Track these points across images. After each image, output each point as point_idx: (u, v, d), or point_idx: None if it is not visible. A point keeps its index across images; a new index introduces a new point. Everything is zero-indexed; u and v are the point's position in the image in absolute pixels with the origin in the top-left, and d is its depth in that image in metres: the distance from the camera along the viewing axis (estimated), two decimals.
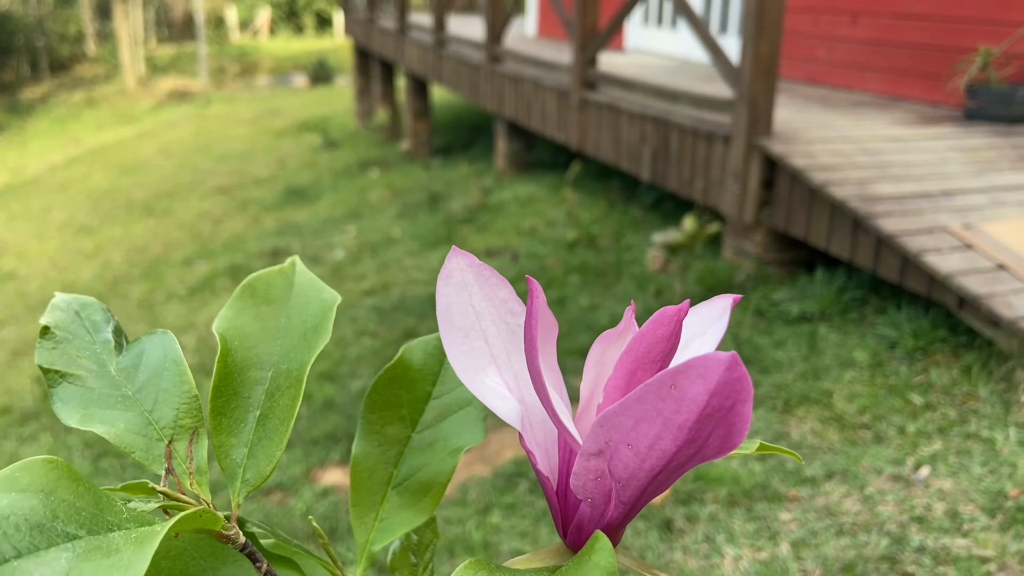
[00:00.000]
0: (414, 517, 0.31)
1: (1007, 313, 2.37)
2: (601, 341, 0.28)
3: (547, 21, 8.26)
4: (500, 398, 0.28)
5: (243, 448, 0.29)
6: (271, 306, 0.32)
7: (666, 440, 0.23)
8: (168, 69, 18.00)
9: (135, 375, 0.31)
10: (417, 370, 0.34)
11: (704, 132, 3.58)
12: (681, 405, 0.22)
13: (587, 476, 0.24)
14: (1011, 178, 3.07)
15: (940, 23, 4.05)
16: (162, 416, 0.30)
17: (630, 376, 0.26)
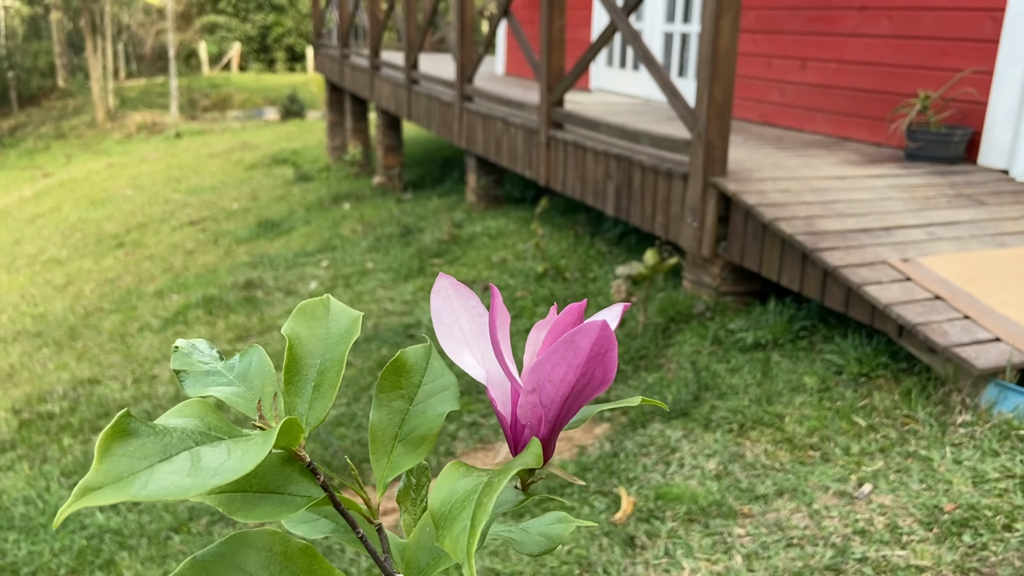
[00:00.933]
0: (413, 460, 0.46)
1: (942, 340, 2.56)
2: (536, 328, 0.43)
3: (514, 61, 8.52)
4: (472, 367, 0.43)
5: (305, 404, 0.43)
6: (316, 320, 0.46)
7: (570, 375, 0.37)
8: (138, 102, 18.02)
9: (234, 369, 0.45)
10: (411, 365, 0.49)
11: (664, 170, 3.78)
12: (577, 352, 0.37)
13: (527, 407, 0.39)
14: (947, 215, 3.30)
15: (882, 69, 4.32)
16: (254, 386, 0.44)
17: (549, 343, 0.41)
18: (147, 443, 0.33)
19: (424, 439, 0.46)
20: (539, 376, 0.38)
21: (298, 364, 0.44)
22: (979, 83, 3.83)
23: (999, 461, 2.35)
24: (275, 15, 25.62)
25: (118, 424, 0.33)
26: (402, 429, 0.46)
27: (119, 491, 0.31)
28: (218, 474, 0.32)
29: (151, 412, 3.63)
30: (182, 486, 0.32)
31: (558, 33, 4.67)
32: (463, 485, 0.36)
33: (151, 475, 0.32)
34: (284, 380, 0.44)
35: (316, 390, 0.43)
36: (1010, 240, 3.11)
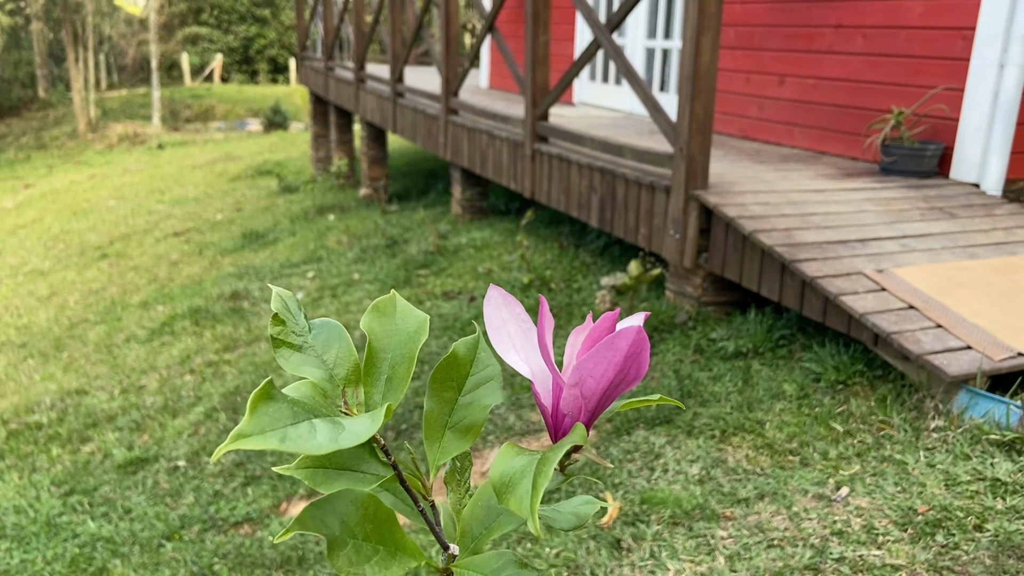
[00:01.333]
0: (461, 446, 0.52)
1: (915, 349, 2.65)
2: (574, 333, 0.49)
3: (498, 74, 8.61)
4: (519, 365, 0.50)
5: (379, 394, 0.49)
6: (386, 317, 0.52)
7: (609, 372, 0.44)
8: (119, 113, 17.95)
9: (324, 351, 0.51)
10: (461, 358, 0.55)
11: (647, 183, 3.87)
12: (616, 352, 0.43)
13: (570, 399, 0.45)
14: (920, 227, 3.41)
15: (857, 85, 4.45)
16: (338, 374, 0.50)
17: (589, 346, 0.47)
18: (282, 408, 0.40)
19: (471, 428, 0.52)
20: (582, 372, 0.45)
21: (374, 358, 0.50)
22: (950, 99, 3.95)
23: (970, 464, 2.44)
24: (258, 27, 25.63)
25: (264, 389, 0.41)
26: (451, 418, 0.52)
27: (264, 441, 0.38)
28: (341, 440, 0.39)
29: (140, 422, 3.65)
30: (313, 444, 0.39)
31: (543, 49, 4.76)
32: (519, 461, 0.43)
33: (285, 433, 0.39)
34: (364, 371, 0.50)
35: (389, 382, 0.49)
36: (980, 251, 3.22)
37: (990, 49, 3.76)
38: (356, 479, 0.47)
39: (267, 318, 4.95)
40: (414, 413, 3.36)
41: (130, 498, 2.92)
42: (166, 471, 3.12)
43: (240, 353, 4.35)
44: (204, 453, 3.23)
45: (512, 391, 3.38)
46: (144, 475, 3.10)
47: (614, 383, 0.45)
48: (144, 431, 3.55)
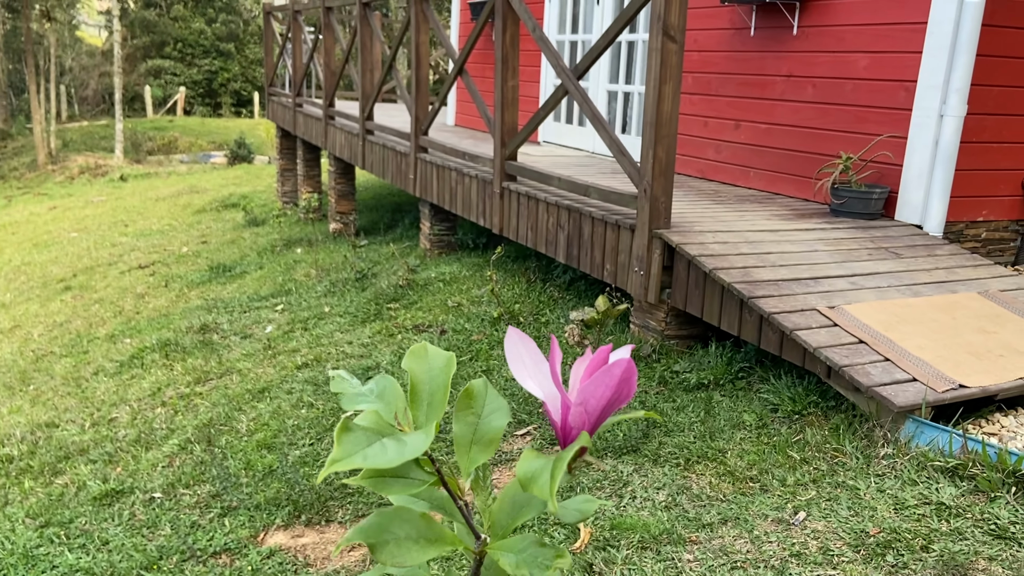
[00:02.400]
0: (484, 456, 0.65)
1: (865, 381, 2.83)
2: (577, 362, 0.62)
3: (464, 113, 8.82)
4: (534, 389, 0.62)
5: (423, 416, 0.62)
6: (422, 359, 0.65)
7: (607, 393, 0.57)
8: (80, 145, 17.80)
9: (375, 392, 0.64)
10: (479, 392, 0.68)
11: (612, 222, 4.04)
12: (612, 377, 0.56)
13: (576, 415, 0.58)
14: (868, 266, 3.63)
15: (808, 131, 4.71)
16: (390, 403, 0.63)
17: (590, 373, 0.60)
18: (359, 435, 0.53)
19: (491, 442, 0.65)
20: (586, 394, 0.58)
21: (416, 390, 0.63)
22: (895, 146, 4.22)
23: (917, 489, 2.61)
24: (221, 61, 25.66)
25: (344, 423, 0.53)
26: (475, 435, 0.65)
27: (351, 462, 0.51)
28: (405, 453, 0.52)
29: (113, 455, 3.67)
30: (387, 458, 0.51)
31: (512, 92, 4.95)
32: (539, 460, 0.56)
33: (366, 454, 0.51)
34: (410, 400, 0.63)
35: (429, 407, 0.62)
36: (923, 289, 3.45)
37: (930, 100, 4.04)
38: (408, 484, 0.60)
39: (238, 350, 4.99)
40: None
41: (107, 530, 2.95)
42: (142, 503, 3.15)
43: (212, 386, 4.38)
44: (180, 485, 3.27)
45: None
46: (120, 507, 3.12)
47: (611, 401, 0.58)
48: (117, 463, 3.57)
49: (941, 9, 3.93)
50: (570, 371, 0.65)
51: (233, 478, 3.29)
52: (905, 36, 4.13)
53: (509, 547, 0.61)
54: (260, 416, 3.84)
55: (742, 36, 5.12)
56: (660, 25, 3.51)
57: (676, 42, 3.54)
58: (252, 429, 3.71)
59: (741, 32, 5.12)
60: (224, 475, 3.31)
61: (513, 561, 0.59)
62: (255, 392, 4.17)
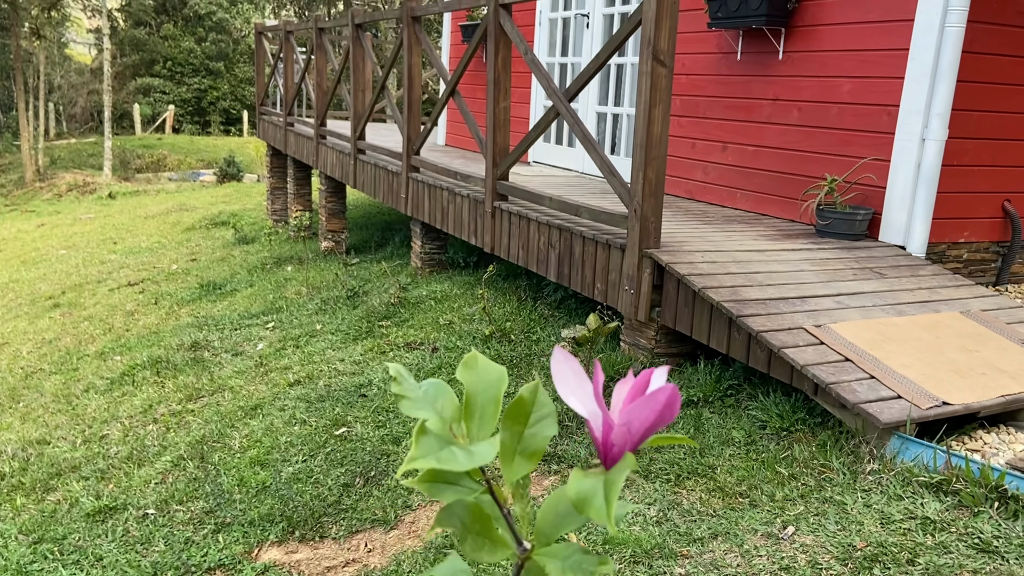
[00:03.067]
0: (527, 467, 0.68)
1: (852, 398, 2.89)
2: (619, 384, 0.67)
3: (454, 133, 8.90)
4: (578, 407, 0.67)
5: (476, 428, 0.66)
6: (473, 371, 0.69)
7: (652, 416, 0.62)
8: (68, 162, 17.76)
9: (435, 400, 0.68)
10: (527, 400, 0.71)
11: (603, 241, 4.11)
12: (657, 401, 0.61)
13: (620, 434, 0.63)
14: (853, 286, 3.71)
15: (794, 154, 4.81)
16: (445, 413, 0.67)
17: (633, 396, 0.65)
18: (432, 439, 0.58)
19: (535, 453, 0.69)
20: (630, 415, 0.63)
21: (470, 402, 0.67)
22: (878, 169, 4.32)
23: (903, 504, 2.66)
24: (211, 79, 25.72)
25: (421, 426, 0.59)
26: (520, 445, 0.69)
27: (427, 462, 0.56)
28: (474, 460, 0.57)
29: (105, 471, 3.67)
30: (458, 463, 0.56)
31: (503, 114, 5.02)
32: (588, 481, 0.61)
33: (439, 456, 0.57)
34: (464, 412, 0.67)
35: (480, 419, 0.66)
36: (907, 309, 3.52)
37: (912, 125, 4.14)
38: (459, 491, 0.64)
39: (229, 368, 5.00)
40: None
41: (101, 546, 2.95)
42: (135, 519, 3.16)
43: (204, 403, 4.39)
44: (173, 501, 3.28)
45: None
46: (114, 523, 3.13)
47: (654, 424, 0.63)
48: (110, 480, 3.57)
49: (923, 36, 4.05)
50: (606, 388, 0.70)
51: (227, 494, 3.30)
52: (888, 62, 4.24)
53: (555, 554, 0.66)
54: (253, 433, 3.85)
55: (729, 60, 5.23)
56: (650, 50, 3.60)
57: (665, 67, 3.62)
58: (245, 446, 3.72)
59: (728, 56, 5.23)
60: (218, 491, 3.33)
61: (559, 567, 0.63)
62: (247, 409, 4.18)
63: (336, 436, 3.74)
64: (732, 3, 4.82)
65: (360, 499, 3.22)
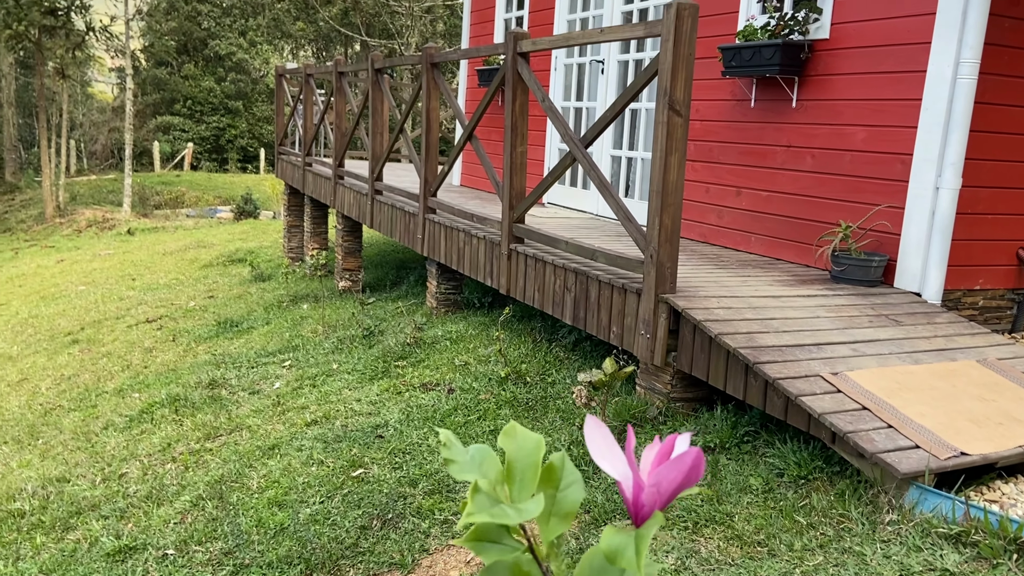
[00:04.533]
0: (562, 526, 0.73)
1: (869, 448, 2.90)
2: (647, 449, 0.71)
3: (470, 173, 9.02)
4: (609, 470, 0.71)
5: (517, 490, 0.70)
6: (513, 439, 0.74)
7: (678, 477, 0.66)
8: (87, 198, 18.05)
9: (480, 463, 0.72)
10: (557, 467, 0.76)
11: (619, 285, 4.15)
12: (683, 465, 0.65)
13: (650, 494, 0.67)
14: (869, 333, 3.73)
15: (808, 199, 4.86)
16: (490, 475, 0.71)
17: (660, 459, 0.69)
18: (484, 498, 0.62)
19: (568, 514, 0.73)
20: (659, 476, 0.67)
21: (511, 467, 0.72)
22: (892, 216, 4.36)
23: (922, 556, 2.65)
24: (229, 118, 26.18)
25: (474, 486, 0.63)
26: (554, 507, 0.73)
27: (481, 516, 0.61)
28: (523, 515, 0.61)
29: (124, 510, 3.70)
30: (509, 518, 0.61)
31: (520, 158, 5.11)
32: (620, 536, 0.65)
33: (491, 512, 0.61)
34: (506, 476, 0.71)
35: (521, 483, 0.71)
36: (924, 357, 3.54)
37: (926, 173, 4.19)
38: (503, 549, 0.68)
39: (247, 406, 5.04)
40: None
41: None
42: (155, 559, 3.18)
43: (222, 442, 4.43)
44: (192, 541, 3.30)
45: None
46: (133, 563, 3.15)
47: (681, 484, 0.67)
48: (129, 519, 3.60)
49: (935, 87, 4.12)
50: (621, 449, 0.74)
51: (245, 535, 3.32)
52: (901, 111, 4.31)
53: None
54: (271, 473, 3.88)
55: (743, 107, 5.32)
56: (666, 100, 3.68)
57: (681, 116, 3.70)
58: (263, 486, 3.75)
59: (742, 103, 5.32)
60: (236, 532, 3.35)
61: None
62: (265, 449, 4.21)
63: (353, 477, 3.76)
64: (746, 53, 4.92)
65: (378, 542, 3.23)
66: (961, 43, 4.01)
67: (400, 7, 22.08)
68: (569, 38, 4.64)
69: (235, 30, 27.35)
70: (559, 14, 7.37)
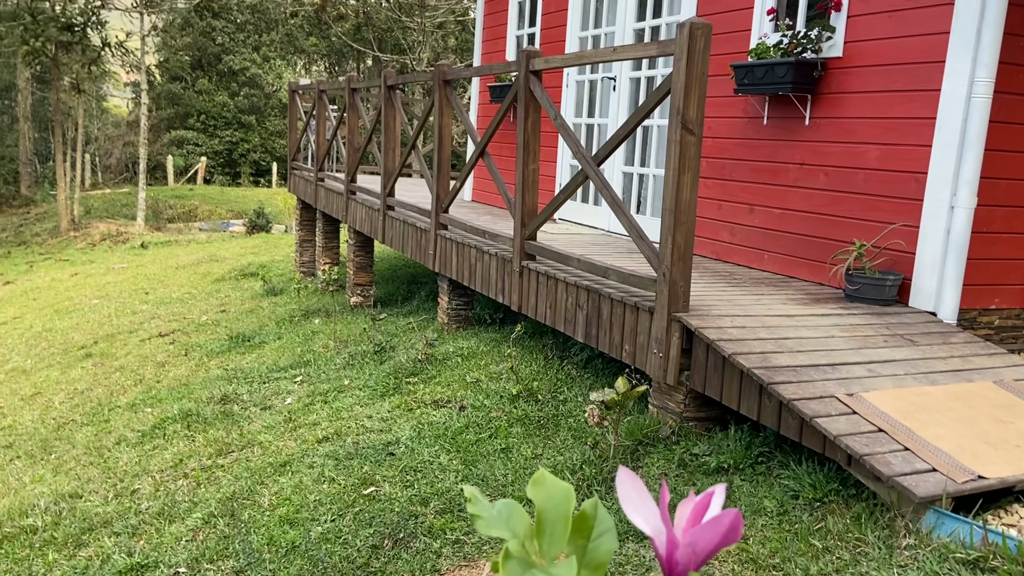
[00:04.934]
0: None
1: (886, 471, 2.87)
2: (682, 504, 0.70)
3: (481, 188, 9.04)
4: (642, 525, 0.70)
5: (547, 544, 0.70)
6: (542, 489, 0.73)
7: (716, 538, 0.65)
8: (102, 212, 18.20)
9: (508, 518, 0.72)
10: (589, 515, 0.75)
11: (631, 304, 4.14)
12: (722, 525, 0.65)
13: (686, 553, 0.66)
14: (885, 353, 3.70)
15: (821, 217, 4.84)
16: (518, 531, 0.70)
17: (695, 516, 0.69)
18: (516, 564, 0.62)
19: (600, 565, 0.72)
20: (696, 536, 0.66)
21: (540, 519, 0.71)
22: (907, 235, 4.34)
23: None
24: (242, 132, 26.38)
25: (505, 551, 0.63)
26: (584, 558, 0.72)
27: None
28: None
29: (136, 527, 3.70)
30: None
31: (532, 175, 5.12)
32: None
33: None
34: (536, 529, 0.71)
35: (551, 536, 0.70)
36: (940, 378, 3.51)
37: (941, 192, 4.17)
38: None
39: (259, 422, 5.04)
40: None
41: None
42: None
43: (234, 458, 4.43)
44: (204, 560, 3.30)
45: None
46: None
47: (718, 546, 0.67)
48: (141, 536, 3.60)
49: (950, 106, 4.10)
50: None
51: (256, 553, 3.31)
52: (915, 130, 4.29)
53: None
54: (282, 490, 3.88)
55: (755, 124, 5.31)
56: (679, 119, 3.68)
57: (694, 135, 3.70)
58: (274, 503, 3.74)
59: (754, 121, 5.32)
60: (248, 550, 3.34)
61: None
62: (276, 465, 4.21)
63: (364, 495, 3.75)
64: (759, 71, 4.93)
65: (389, 561, 3.22)
66: (976, 62, 4.00)
67: (412, 23, 22.24)
68: (582, 57, 4.65)
69: (249, 45, 27.62)
70: (571, 31, 7.40)
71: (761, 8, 5.25)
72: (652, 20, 6.42)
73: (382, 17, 24.20)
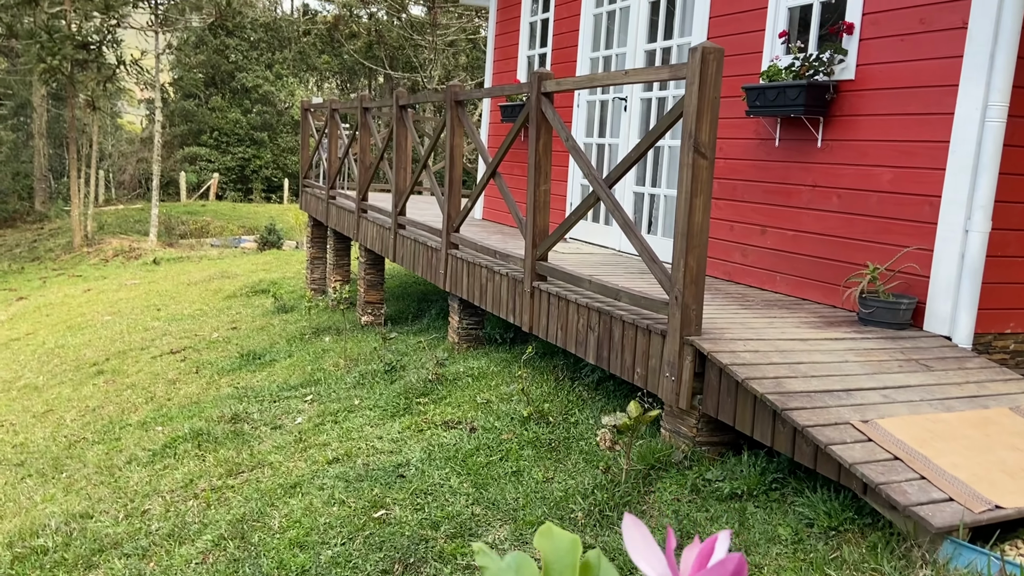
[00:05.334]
0: None
1: (902, 500, 2.83)
2: (687, 550, 0.70)
3: (492, 207, 9.06)
4: (647, 569, 0.70)
5: None
6: (549, 539, 0.73)
7: None
8: (115, 227, 18.33)
9: (514, 570, 0.71)
10: (593, 565, 0.75)
11: (643, 326, 4.12)
12: (726, 570, 0.64)
13: None
14: (899, 378, 3.66)
15: (834, 240, 4.82)
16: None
17: (700, 562, 0.68)
18: None
19: None
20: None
21: (549, 565, 0.71)
22: (921, 259, 4.31)
23: None
24: (255, 148, 26.58)
25: None
26: None
27: None
28: None
29: (146, 549, 3.69)
30: None
31: (544, 196, 5.13)
32: None
33: None
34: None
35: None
36: (955, 404, 3.47)
37: (955, 216, 4.15)
38: None
39: (269, 442, 5.04)
40: None
41: None
42: None
43: (244, 479, 4.42)
44: None
45: None
46: None
47: None
48: (151, 558, 3.59)
49: (963, 129, 4.09)
50: None
51: None
52: (929, 153, 4.28)
53: None
54: (292, 512, 3.86)
55: (767, 146, 5.31)
56: (691, 142, 3.68)
57: (707, 158, 3.70)
58: (284, 526, 3.73)
59: (766, 142, 5.32)
60: (257, 574, 3.32)
61: None
62: (287, 487, 4.20)
63: (375, 519, 3.73)
64: (770, 93, 4.93)
65: None
66: (989, 86, 3.99)
67: (423, 41, 22.41)
68: (593, 79, 4.67)
69: (262, 63, 27.88)
70: (582, 52, 7.44)
71: (773, 30, 5.26)
72: (663, 42, 6.44)
73: (394, 35, 24.40)
